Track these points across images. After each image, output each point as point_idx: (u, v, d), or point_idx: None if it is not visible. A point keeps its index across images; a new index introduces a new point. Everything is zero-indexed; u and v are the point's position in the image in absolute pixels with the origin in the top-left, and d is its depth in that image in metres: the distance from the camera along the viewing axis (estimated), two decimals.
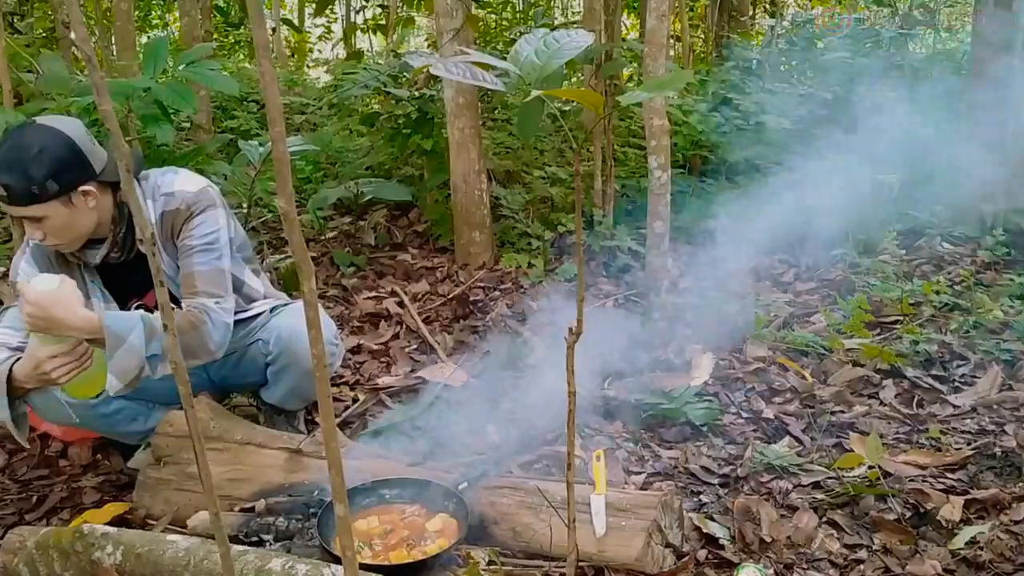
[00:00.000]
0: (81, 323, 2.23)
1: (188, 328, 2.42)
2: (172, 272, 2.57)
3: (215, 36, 9.11)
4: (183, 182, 2.55)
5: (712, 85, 6.85)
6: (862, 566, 2.21)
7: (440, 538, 2.18)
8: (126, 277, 2.57)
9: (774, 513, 2.41)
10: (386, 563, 2.10)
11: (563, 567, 2.11)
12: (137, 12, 8.86)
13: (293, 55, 11.55)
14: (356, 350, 3.80)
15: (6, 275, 4.68)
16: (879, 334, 3.62)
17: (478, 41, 6.32)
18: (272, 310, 2.78)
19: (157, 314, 2.46)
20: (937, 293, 3.87)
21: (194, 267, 2.50)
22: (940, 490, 2.50)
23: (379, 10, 9.35)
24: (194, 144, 5.59)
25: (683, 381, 3.23)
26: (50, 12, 7.36)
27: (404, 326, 4.05)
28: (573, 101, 5.18)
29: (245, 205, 4.19)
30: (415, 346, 3.87)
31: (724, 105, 6.53)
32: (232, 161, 4.42)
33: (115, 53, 6.46)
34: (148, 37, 10.37)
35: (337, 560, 1.98)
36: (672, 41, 8.10)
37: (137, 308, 2.61)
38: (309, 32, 11.71)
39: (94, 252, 2.50)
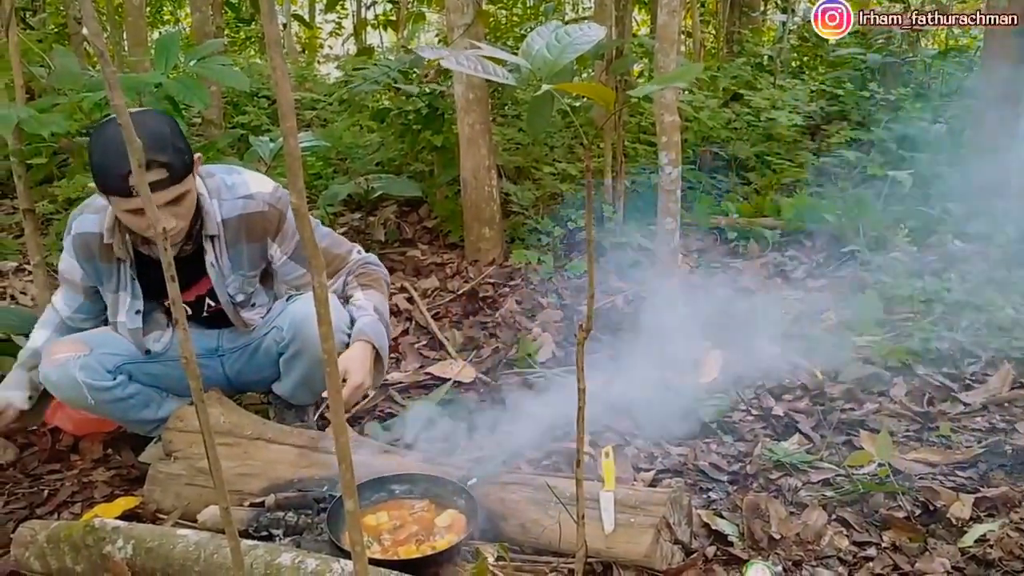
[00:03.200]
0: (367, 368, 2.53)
1: (373, 284, 2.71)
2: (240, 267, 2.63)
3: (226, 32, 9.12)
4: (256, 183, 2.60)
5: (723, 81, 6.84)
6: (871, 563, 2.21)
7: (449, 533, 2.18)
8: (159, 278, 2.58)
9: (783, 510, 2.40)
10: (395, 558, 2.10)
11: (572, 563, 2.11)
12: (148, 8, 8.89)
13: (304, 51, 11.56)
14: None
15: (20, 269, 4.71)
16: (890, 332, 3.61)
17: (488, 37, 6.32)
18: (288, 299, 2.80)
19: (366, 301, 2.65)
20: (948, 290, 3.85)
21: (322, 245, 2.60)
22: (950, 488, 2.49)
23: (389, 6, 9.34)
24: (205, 140, 5.61)
25: (693, 378, 3.22)
26: (62, 8, 7.39)
27: (414, 322, 4.06)
28: (583, 97, 5.18)
29: None
30: (425, 342, 3.87)
31: (735, 101, 6.52)
32: (243, 157, 4.42)
33: (126, 49, 6.49)
34: (159, 33, 10.41)
35: (346, 555, 1.98)
36: (683, 37, 8.08)
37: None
38: (320, 28, 11.72)
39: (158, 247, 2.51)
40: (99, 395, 2.58)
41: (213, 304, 2.70)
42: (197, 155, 2.43)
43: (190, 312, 2.71)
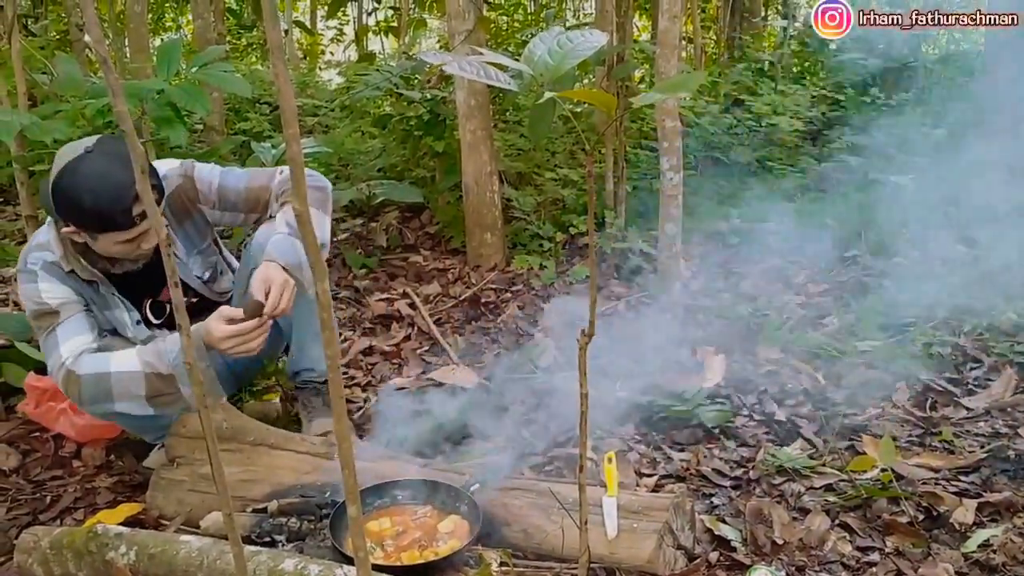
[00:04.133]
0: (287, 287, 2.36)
1: (310, 192, 2.47)
2: (194, 247, 2.65)
3: (228, 38, 9.13)
4: (163, 167, 2.60)
5: (724, 86, 6.85)
6: (874, 569, 2.20)
7: (452, 539, 2.18)
8: (136, 280, 2.58)
9: (786, 515, 2.40)
10: (398, 564, 2.10)
11: (575, 569, 2.11)
12: (150, 15, 8.90)
13: (305, 57, 11.59)
14: (368, 351, 3.81)
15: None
16: (892, 336, 3.60)
17: (490, 43, 6.32)
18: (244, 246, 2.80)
19: (282, 219, 2.51)
20: (951, 295, 3.85)
21: (241, 185, 2.62)
22: (953, 493, 2.48)
23: (391, 12, 9.37)
24: (207, 146, 5.61)
25: (695, 383, 3.22)
26: (64, 15, 7.40)
27: (416, 328, 4.06)
28: (585, 103, 5.19)
29: None
30: (427, 348, 3.87)
31: (736, 106, 6.53)
32: (245, 163, 4.43)
33: (128, 55, 6.50)
34: (161, 39, 10.43)
35: (349, 561, 1.98)
36: (684, 42, 8.09)
37: (153, 306, 2.66)
38: (321, 34, 11.75)
39: (133, 263, 2.50)
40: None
41: (188, 296, 2.70)
42: None
43: (168, 310, 2.71)
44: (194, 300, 2.74)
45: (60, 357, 2.42)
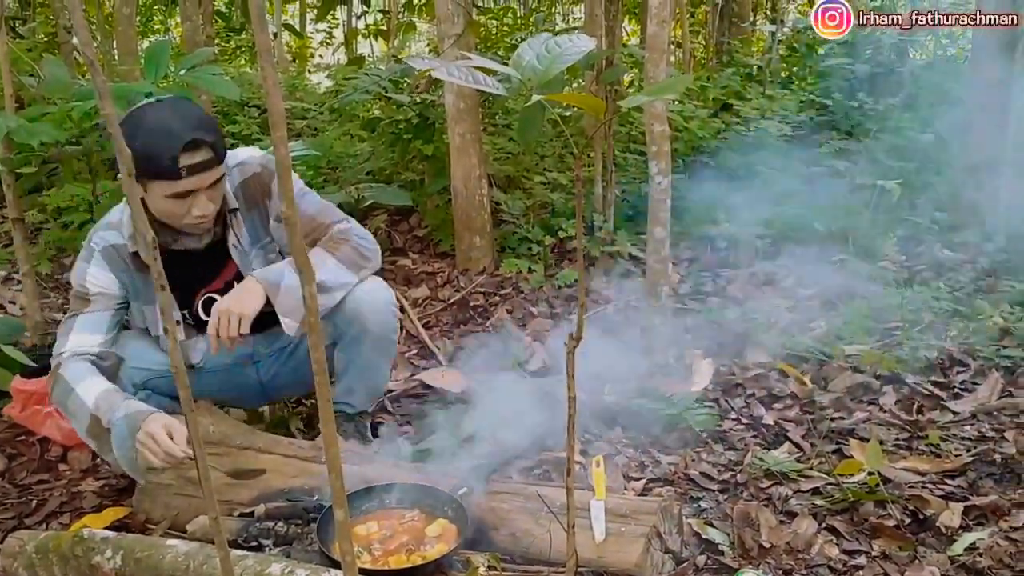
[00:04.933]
0: (247, 299, 2.38)
1: (334, 247, 2.51)
2: (258, 240, 2.59)
3: (217, 41, 9.12)
4: (244, 151, 2.60)
5: (713, 91, 6.87)
6: (861, 572, 2.21)
7: (439, 543, 2.18)
8: (191, 270, 2.57)
9: (773, 519, 2.40)
10: (385, 568, 2.10)
11: (562, 572, 2.11)
12: (139, 17, 8.88)
13: (294, 60, 11.56)
14: None
15: (8, 278, 4.69)
16: (879, 340, 3.62)
17: (479, 47, 6.33)
18: None
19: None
20: (937, 299, 3.87)
21: (309, 211, 2.58)
22: (939, 496, 2.49)
23: (380, 15, 9.36)
24: None
25: (683, 387, 3.23)
26: (52, 17, 7.38)
27: (404, 331, 4.05)
28: (574, 106, 5.19)
29: None
30: (415, 351, 3.87)
31: (725, 111, 6.54)
32: None
33: (117, 58, 6.47)
34: (150, 42, 10.40)
35: (336, 565, 1.98)
36: (673, 47, 8.11)
37: (205, 299, 2.61)
38: (310, 37, 11.72)
39: (197, 237, 2.49)
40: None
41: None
42: None
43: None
44: None
45: (63, 346, 2.46)
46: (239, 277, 2.56)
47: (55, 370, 2.44)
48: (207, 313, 2.56)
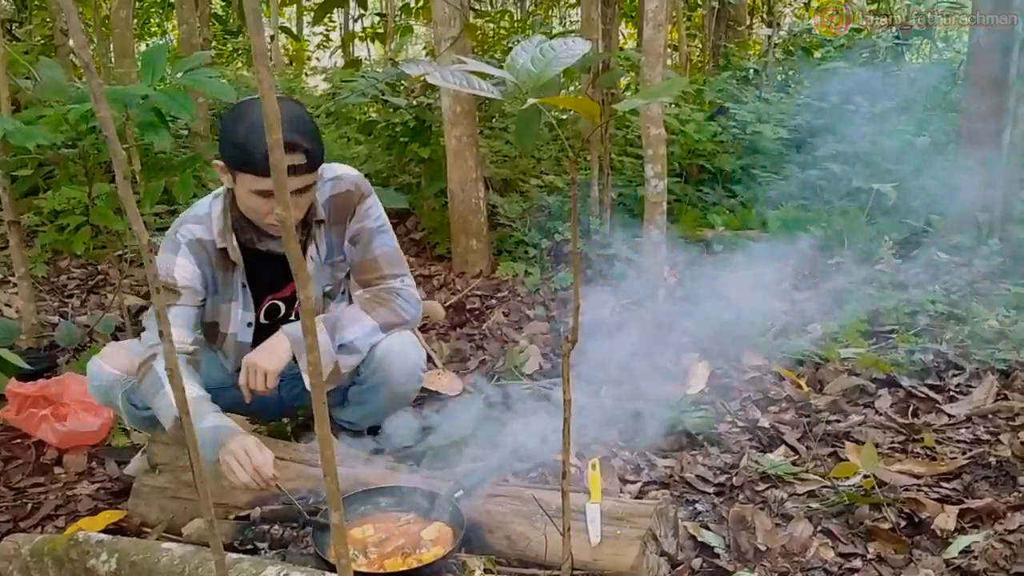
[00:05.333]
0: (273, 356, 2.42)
1: (376, 305, 2.53)
2: (332, 255, 2.60)
3: (213, 44, 9.12)
4: (340, 167, 2.61)
5: (709, 94, 6.87)
6: (856, 575, 2.21)
7: (435, 546, 2.18)
8: (267, 273, 2.58)
9: (769, 522, 2.41)
10: (381, 571, 2.09)
11: (558, 575, 2.11)
12: (136, 20, 8.87)
13: (291, 63, 11.56)
14: None
15: (4, 281, 4.69)
16: (875, 343, 3.62)
17: (476, 50, 6.34)
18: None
19: (333, 307, 2.58)
20: (933, 302, 3.88)
21: (376, 251, 2.59)
22: (935, 499, 2.50)
23: (377, 19, 9.36)
24: (192, 151, 5.60)
25: (679, 389, 3.23)
26: (48, 19, 7.37)
27: None
28: (570, 110, 5.20)
29: None
30: None
31: (721, 114, 6.55)
32: None
33: (113, 60, 6.48)
34: (146, 45, 10.40)
35: (332, 568, 1.98)
36: (669, 50, 8.12)
37: (269, 306, 2.64)
38: (307, 40, 11.73)
39: (277, 241, 2.48)
40: (138, 422, 2.64)
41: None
42: None
43: (283, 311, 2.69)
44: (284, 313, 2.72)
45: (158, 337, 2.43)
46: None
47: (148, 360, 2.43)
48: (268, 318, 2.63)
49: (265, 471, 2.22)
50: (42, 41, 7.42)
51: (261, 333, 2.62)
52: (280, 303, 2.66)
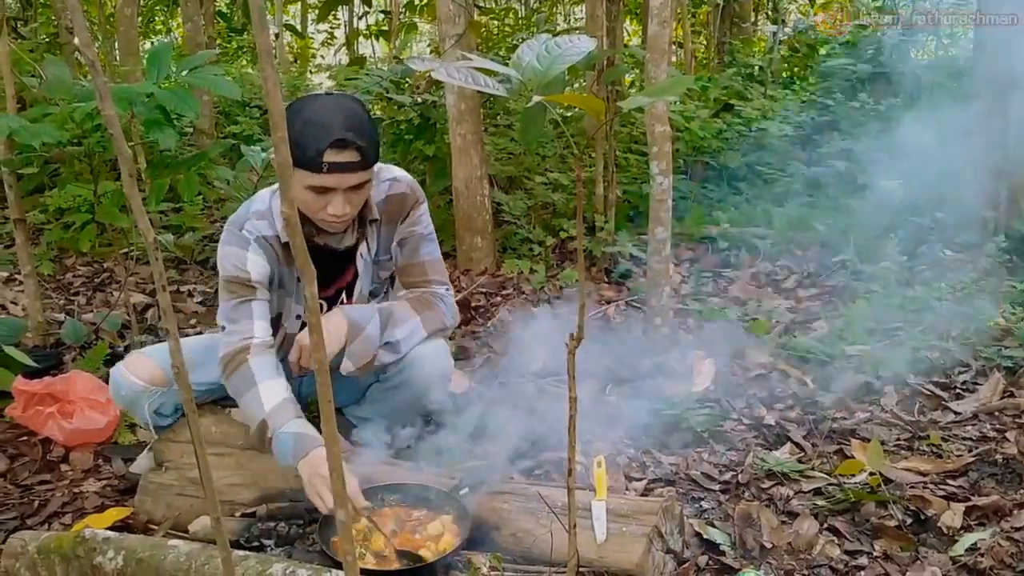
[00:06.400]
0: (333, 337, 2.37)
1: (423, 308, 2.55)
2: (380, 254, 2.60)
3: (218, 42, 9.12)
4: (397, 169, 2.61)
5: (714, 91, 6.86)
6: (863, 572, 2.21)
7: (440, 543, 2.18)
8: (320, 273, 2.56)
9: (775, 519, 2.40)
10: (387, 568, 2.10)
11: (564, 572, 2.11)
12: (140, 18, 8.88)
13: (296, 60, 11.57)
14: None
15: (10, 279, 4.69)
16: (881, 340, 3.62)
17: (480, 47, 6.33)
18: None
19: (388, 304, 2.57)
20: (939, 300, 3.87)
21: (423, 256, 2.61)
22: (941, 496, 2.49)
23: (382, 16, 9.36)
24: (197, 149, 5.61)
25: (684, 387, 3.23)
26: (53, 17, 7.39)
27: None
28: (575, 107, 5.19)
29: None
30: None
31: (726, 111, 6.54)
32: (234, 166, 4.42)
33: (118, 58, 6.49)
34: (151, 43, 10.41)
35: (337, 565, 1.98)
36: (674, 47, 8.11)
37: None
38: (312, 38, 11.74)
39: (339, 236, 2.48)
40: (165, 431, 2.63)
41: (345, 300, 2.64)
42: None
43: (324, 309, 2.64)
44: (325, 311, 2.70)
45: (250, 331, 2.42)
46: (350, 288, 2.60)
47: (241, 352, 2.40)
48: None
49: (356, 502, 2.19)
50: (47, 39, 7.44)
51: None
52: (323, 301, 2.66)
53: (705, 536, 2.34)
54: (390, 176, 2.55)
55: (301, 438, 2.27)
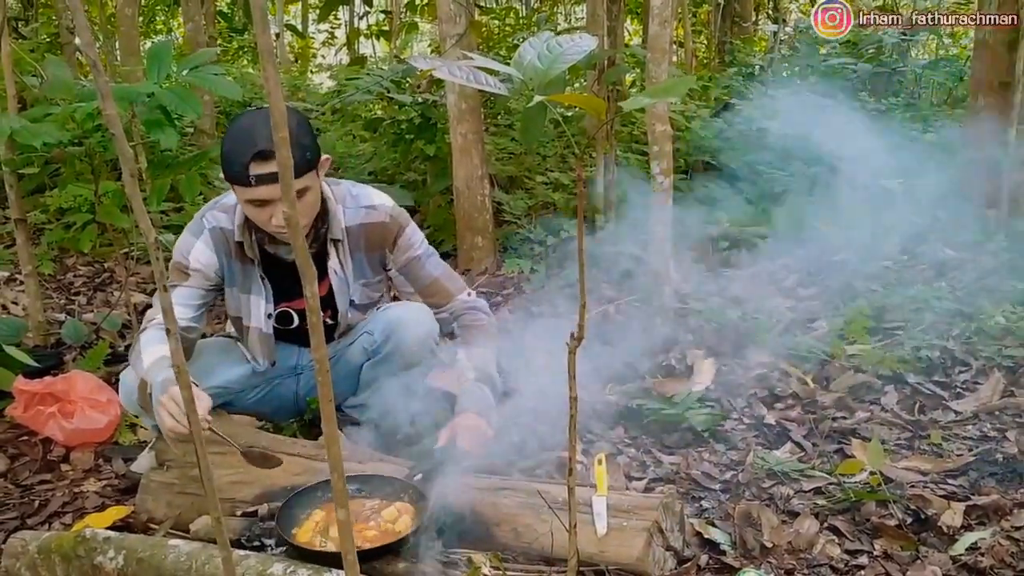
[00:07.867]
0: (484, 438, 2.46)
1: (479, 333, 2.69)
2: (363, 276, 2.65)
3: (219, 41, 9.12)
4: (378, 196, 2.64)
5: (715, 91, 6.87)
6: (863, 572, 2.21)
7: (398, 524, 2.20)
8: (280, 280, 2.60)
9: (775, 519, 2.40)
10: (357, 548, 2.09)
11: (564, 570, 2.11)
12: (141, 17, 8.89)
13: (297, 60, 11.58)
14: None
15: (11, 279, 4.70)
16: (881, 340, 3.62)
17: (481, 47, 6.33)
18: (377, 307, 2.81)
19: (471, 361, 2.62)
20: (939, 299, 3.87)
21: (434, 274, 2.69)
22: (941, 496, 2.49)
23: (382, 16, 9.36)
24: (198, 149, 5.60)
25: (685, 386, 3.23)
26: (54, 17, 7.39)
27: None
28: (576, 107, 5.20)
29: None
30: None
31: (726, 111, 6.54)
32: None
33: (119, 58, 6.49)
34: (152, 42, 10.41)
35: (302, 553, 2.04)
36: (675, 47, 8.11)
37: (283, 311, 2.67)
38: (313, 37, 11.74)
39: (285, 247, 2.52)
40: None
41: (325, 311, 2.67)
42: (325, 156, 2.43)
43: (296, 321, 2.71)
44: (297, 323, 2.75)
45: (155, 314, 2.54)
46: (327, 300, 2.62)
47: (138, 334, 2.53)
48: (280, 323, 2.67)
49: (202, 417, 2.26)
50: (48, 39, 7.44)
51: (278, 338, 2.69)
52: (294, 313, 2.68)
53: (705, 535, 2.34)
54: (368, 203, 2.59)
55: (166, 382, 2.31)
